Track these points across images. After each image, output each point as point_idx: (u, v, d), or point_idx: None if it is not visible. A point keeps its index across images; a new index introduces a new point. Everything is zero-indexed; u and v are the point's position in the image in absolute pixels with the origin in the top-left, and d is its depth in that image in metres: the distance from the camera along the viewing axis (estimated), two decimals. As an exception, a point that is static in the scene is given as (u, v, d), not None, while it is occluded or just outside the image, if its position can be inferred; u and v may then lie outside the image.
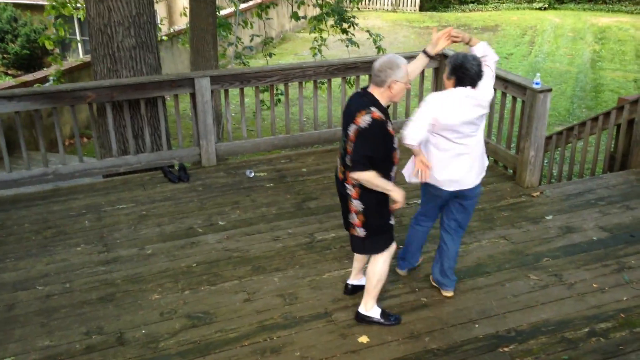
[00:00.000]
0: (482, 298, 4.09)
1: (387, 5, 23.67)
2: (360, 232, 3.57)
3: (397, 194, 3.46)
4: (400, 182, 3.78)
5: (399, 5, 23.60)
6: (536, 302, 4.03)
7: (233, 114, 10.58)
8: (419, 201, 4.20)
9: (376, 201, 3.48)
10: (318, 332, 3.78)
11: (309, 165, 6.26)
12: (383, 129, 3.33)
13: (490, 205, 5.35)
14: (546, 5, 22.87)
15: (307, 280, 4.30)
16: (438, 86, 6.85)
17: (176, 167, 6.15)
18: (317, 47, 9.44)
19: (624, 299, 4.04)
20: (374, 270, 3.70)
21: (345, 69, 6.55)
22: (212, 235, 4.92)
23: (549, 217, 5.13)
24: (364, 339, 3.71)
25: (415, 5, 23.44)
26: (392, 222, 3.63)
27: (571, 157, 6.70)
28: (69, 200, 5.54)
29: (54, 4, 8.36)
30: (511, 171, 5.93)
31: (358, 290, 4.06)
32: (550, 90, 5.43)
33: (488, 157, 6.26)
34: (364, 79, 7.58)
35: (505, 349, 3.61)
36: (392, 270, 4.38)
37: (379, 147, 3.34)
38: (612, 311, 3.92)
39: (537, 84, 5.38)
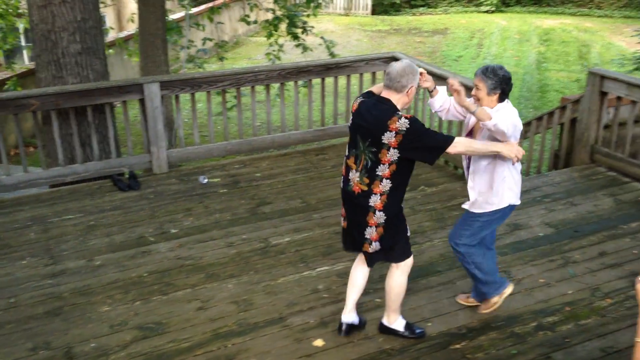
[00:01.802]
0: (435, 297, 4.16)
1: (339, 8, 23.83)
2: (376, 246, 3.48)
3: (508, 150, 3.38)
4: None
5: (352, 9, 23.79)
6: (486, 299, 4.11)
7: (186, 120, 10.45)
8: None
9: (395, 213, 3.44)
10: (273, 338, 3.76)
11: (263, 170, 6.25)
12: (421, 122, 3.33)
13: (441, 205, 5.44)
14: (493, 9, 23.44)
15: (261, 286, 4.28)
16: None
17: (126, 175, 6.03)
18: (273, 52, 9.42)
19: (569, 292, 4.18)
20: (390, 285, 3.63)
21: (298, 72, 6.56)
22: (163, 243, 4.84)
23: (497, 215, 5.25)
24: (319, 342, 3.72)
25: (367, 9, 23.67)
26: (409, 233, 3.60)
27: (518, 156, 6.88)
28: (14, 212, 5.36)
29: None
30: (461, 171, 6.04)
31: (354, 330, 3.79)
32: (495, 91, 5.55)
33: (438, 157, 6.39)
34: (316, 82, 7.63)
35: (457, 346, 3.68)
36: (345, 273, 4.41)
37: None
38: (559, 305, 4.05)
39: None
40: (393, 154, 3.27)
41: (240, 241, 4.88)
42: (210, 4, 16.29)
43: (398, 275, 3.62)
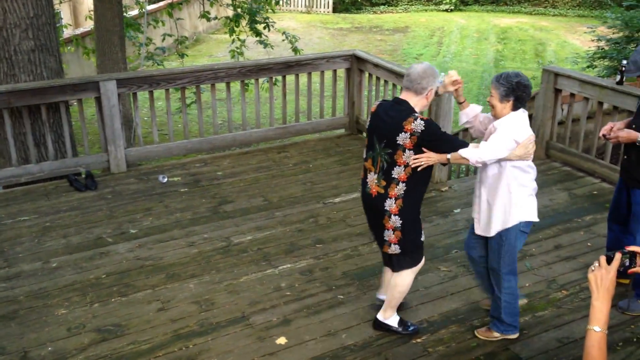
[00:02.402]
0: (396, 292, 4.19)
1: (301, 6, 23.81)
2: (395, 249, 3.49)
3: (520, 151, 3.28)
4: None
5: (313, 6, 23.80)
6: (446, 293, 4.18)
7: (145, 118, 10.29)
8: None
9: (413, 217, 3.43)
10: (235, 337, 3.74)
11: (225, 169, 6.19)
12: (437, 125, 3.32)
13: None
14: (452, 7, 23.80)
15: (223, 285, 4.25)
16: (350, 85, 6.96)
17: (83, 175, 5.90)
18: (236, 49, 9.35)
19: (527, 285, 4.27)
20: (396, 283, 3.64)
21: (258, 70, 6.53)
22: (122, 244, 4.75)
23: (457, 211, 5.34)
24: (282, 340, 3.71)
25: (328, 7, 23.71)
26: (423, 238, 3.59)
27: (477, 152, 7.00)
28: (-35, 214, 5.19)
29: None
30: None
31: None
32: (454, 88, 5.64)
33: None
34: (277, 80, 7.61)
35: (418, 340, 3.72)
36: (308, 271, 4.42)
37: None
38: (516, 297, 4.13)
39: (441, 82, 5.56)
40: (408, 156, 3.27)
41: (202, 240, 4.83)
42: (169, 0, 16.07)
43: (407, 274, 3.62)
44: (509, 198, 3.39)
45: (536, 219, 3.50)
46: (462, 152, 3.26)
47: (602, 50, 11.14)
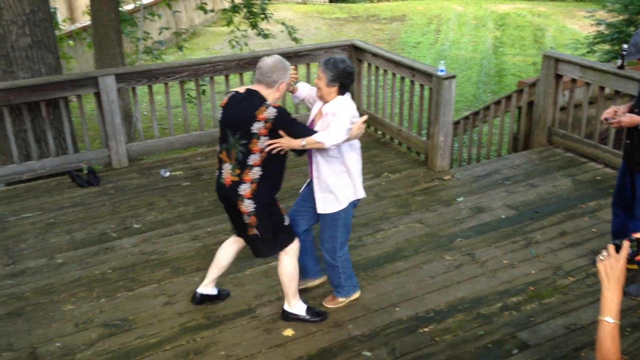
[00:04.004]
0: (402, 282, 4.20)
1: (297, -3, 23.67)
2: (254, 232, 3.54)
3: (356, 132, 3.46)
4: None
5: (309, -4, 23.66)
6: (452, 282, 4.18)
7: (144, 113, 10.25)
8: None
9: (267, 202, 3.47)
10: (242, 330, 3.74)
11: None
12: (289, 113, 3.43)
13: (405, 191, 5.49)
14: (449, -5, 23.66)
15: (229, 278, 4.24)
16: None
17: (85, 171, 5.88)
18: (236, 39, 9.30)
19: (532, 272, 4.28)
20: (281, 271, 3.67)
21: (256, 62, 6.46)
22: (127, 239, 4.75)
23: (460, 199, 5.34)
24: (289, 332, 3.71)
25: (325, -3, 23.57)
26: (287, 222, 3.61)
27: (478, 140, 7.00)
28: (-32, 213, 5.18)
29: None
30: (423, 157, 6.11)
31: (206, 300, 3.94)
32: (454, 76, 5.63)
33: (401, 144, 6.46)
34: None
35: (425, 329, 3.73)
36: (320, 260, 4.41)
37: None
38: (522, 285, 4.14)
39: (441, 71, 5.57)
40: (263, 142, 3.35)
41: (205, 234, 4.82)
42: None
43: (287, 260, 3.66)
44: (347, 176, 3.61)
45: (364, 195, 3.77)
46: (317, 137, 3.40)
47: (602, 34, 11.09)
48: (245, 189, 3.41)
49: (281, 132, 3.35)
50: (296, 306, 3.79)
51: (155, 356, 3.52)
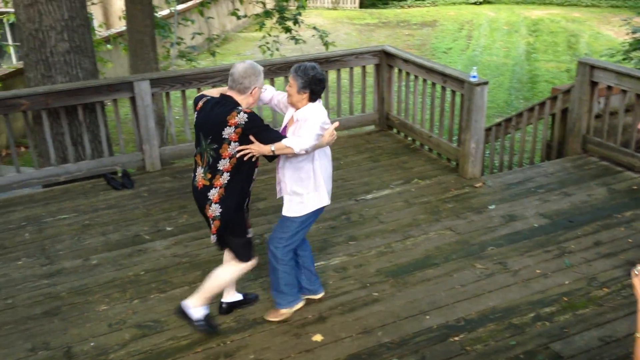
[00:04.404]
0: (432, 289, 4.17)
1: (327, 3, 23.78)
2: (213, 239, 3.55)
3: (328, 139, 3.53)
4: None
5: (339, 2, 23.76)
6: (483, 291, 4.14)
7: (177, 117, 10.41)
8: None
9: (233, 208, 3.47)
10: (272, 334, 3.77)
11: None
12: (260, 118, 3.43)
13: (435, 198, 5.46)
14: (481, 0, 23.50)
15: (258, 282, 4.28)
16: (380, 81, 6.93)
17: (119, 174, 6.00)
18: (267, 45, 9.39)
19: (566, 282, 4.20)
20: (218, 274, 3.64)
21: (287, 67, 6.52)
22: (159, 241, 4.82)
23: (491, 207, 5.28)
24: (318, 337, 3.72)
25: (355, 3, 23.64)
26: (250, 235, 3.63)
27: (510, 147, 6.92)
28: (8, 213, 5.32)
29: None
30: (454, 163, 6.07)
31: (234, 308, 3.95)
32: (486, 82, 5.58)
33: (431, 150, 6.43)
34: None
35: (456, 338, 3.69)
36: (342, 268, 4.42)
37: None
38: (556, 295, 4.07)
39: (473, 77, 5.53)
40: (233, 148, 3.36)
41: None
42: (198, 0, 16.22)
43: (229, 270, 3.65)
44: (313, 183, 3.61)
45: (328, 202, 3.73)
46: (286, 142, 3.40)
47: (638, 41, 10.86)
48: (213, 194, 3.44)
49: (251, 138, 3.36)
50: (197, 309, 3.64)
51: (186, 358, 3.57)
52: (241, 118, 3.32)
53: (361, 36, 18.84)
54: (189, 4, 16.44)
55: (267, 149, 3.38)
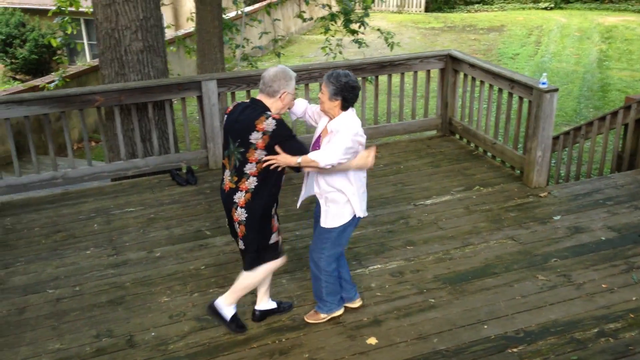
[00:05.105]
0: (491, 299, 4.09)
1: (392, 6, 23.67)
2: (240, 244, 3.53)
3: (363, 162, 3.42)
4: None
5: (404, 6, 23.59)
6: (545, 303, 4.02)
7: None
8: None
9: (260, 215, 3.43)
10: (326, 334, 3.79)
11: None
12: (289, 127, 3.36)
13: (497, 206, 5.34)
14: (552, 5, 22.80)
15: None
16: (444, 86, 6.85)
17: (184, 170, 6.18)
18: (329, 46, 9.46)
19: (633, 299, 4.03)
20: (245, 274, 3.62)
21: (352, 70, 6.54)
22: (220, 237, 4.94)
23: (556, 218, 5.12)
24: (372, 340, 3.72)
25: (420, 6, 23.42)
26: (273, 240, 3.56)
27: (579, 157, 6.69)
28: (78, 204, 5.58)
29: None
30: (519, 171, 5.92)
31: (267, 315, 3.93)
32: (556, 90, 5.42)
33: (495, 157, 6.29)
34: (370, 79, 7.61)
35: (514, 350, 3.61)
36: (398, 272, 4.39)
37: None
38: (621, 311, 3.91)
39: (543, 83, 5.38)
40: (260, 154, 3.31)
41: (294, 237, 4.92)
42: (266, 2, 16.51)
43: (259, 269, 3.60)
44: (351, 193, 3.50)
45: (365, 214, 3.65)
46: (312, 155, 3.31)
47: None
48: (239, 197, 3.41)
49: (277, 148, 3.29)
50: (227, 308, 3.71)
51: (242, 352, 3.64)
52: (269, 124, 3.27)
53: (425, 40, 18.64)
54: (256, 6, 16.75)
55: (294, 160, 3.32)
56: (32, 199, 5.72)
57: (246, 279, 3.65)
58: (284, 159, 3.34)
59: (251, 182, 3.38)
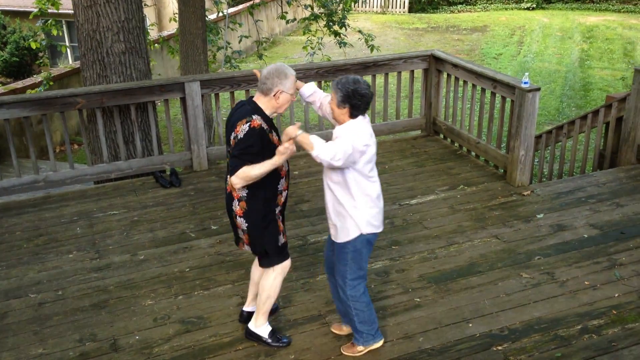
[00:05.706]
0: (475, 297, 4.11)
1: (376, 7, 23.73)
2: (247, 248, 3.50)
3: (278, 159, 3.14)
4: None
5: (388, 7, 23.66)
6: (529, 301, 4.05)
7: (224, 118, 10.57)
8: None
9: (258, 221, 3.34)
10: (312, 335, 3.78)
11: (301, 168, 6.27)
12: (263, 137, 3.16)
13: (481, 205, 5.37)
14: (534, 5, 23.00)
15: (300, 283, 4.30)
16: (428, 86, 6.88)
17: (167, 172, 6.14)
18: (310, 46, 9.46)
19: (616, 295, 4.07)
20: (264, 285, 3.56)
21: (335, 71, 6.56)
22: (204, 239, 4.91)
23: (540, 216, 5.16)
24: (358, 340, 3.71)
25: (404, 7, 23.51)
26: (281, 241, 3.48)
27: (561, 155, 6.75)
28: (60, 207, 5.52)
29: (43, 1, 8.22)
30: (502, 170, 5.96)
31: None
32: (538, 89, 5.47)
33: (478, 157, 6.33)
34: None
35: (499, 348, 3.63)
36: (384, 272, 4.40)
37: (256, 154, 3.14)
38: (604, 308, 3.95)
39: (525, 83, 5.42)
40: None
41: (291, 237, 4.90)
42: (248, 3, 16.46)
43: (272, 278, 3.53)
44: (352, 207, 3.29)
45: (381, 229, 3.41)
46: (314, 139, 3.09)
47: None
48: (235, 207, 3.33)
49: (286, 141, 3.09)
50: (262, 326, 3.67)
51: (227, 355, 3.62)
52: (243, 129, 3.12)
53: (409, 41, 18.72)
54: (239, 7, 16.69)
55: (295, 133, 3.06)
56: (13, 203, 5.65)
57: (265, 289, 3.55)
58: (302, 141, 3.08)
59: (240, 191, 3.29)
